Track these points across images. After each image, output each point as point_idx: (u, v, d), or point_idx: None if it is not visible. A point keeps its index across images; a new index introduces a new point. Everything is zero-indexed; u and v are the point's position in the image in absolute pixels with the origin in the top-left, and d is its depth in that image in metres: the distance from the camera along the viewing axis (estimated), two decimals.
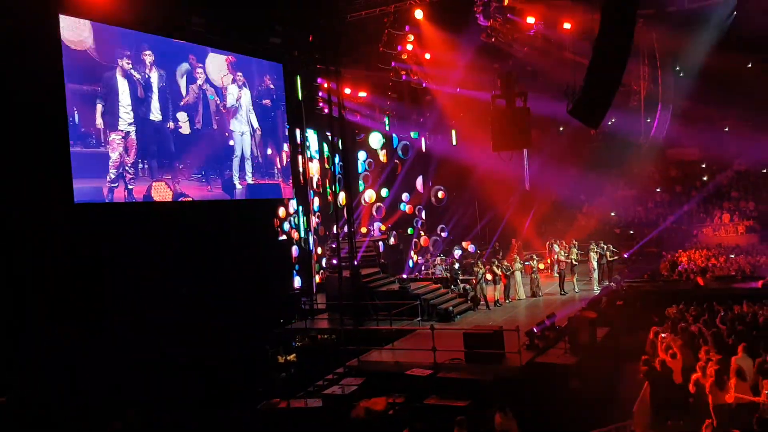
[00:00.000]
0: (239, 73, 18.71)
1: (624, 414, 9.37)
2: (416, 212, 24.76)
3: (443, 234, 25.05)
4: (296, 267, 20.14)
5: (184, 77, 17.03)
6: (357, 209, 22.31)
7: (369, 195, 23.21)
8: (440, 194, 25.07)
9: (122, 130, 15.09)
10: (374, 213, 23.09)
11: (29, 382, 11.73)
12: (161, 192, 16.13)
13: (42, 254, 12.66)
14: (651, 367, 10.64)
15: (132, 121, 15.31)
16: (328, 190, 22.05)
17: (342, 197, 19.30)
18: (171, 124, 16.61)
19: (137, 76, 15.49)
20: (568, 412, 10.00)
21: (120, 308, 13.63)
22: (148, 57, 16.12)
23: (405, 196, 24.61)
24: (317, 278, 20.90)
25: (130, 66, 15.34)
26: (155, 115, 16.17)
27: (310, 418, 11.52)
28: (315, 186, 21.67)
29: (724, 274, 19.39)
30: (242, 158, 18.59)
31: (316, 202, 21.95)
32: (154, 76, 16.13)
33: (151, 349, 13.48)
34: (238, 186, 18.49)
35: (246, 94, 18.95)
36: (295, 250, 20.22)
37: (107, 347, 12.98)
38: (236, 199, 18.31)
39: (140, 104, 15.60)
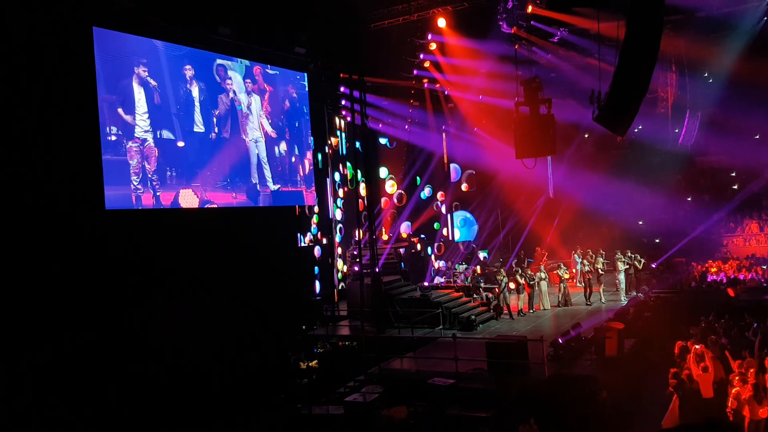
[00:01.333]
0: (264, 83, 18.95)
1: (652, 427, 9.14)
2: (437, 206, 24.57)
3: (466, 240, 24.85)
4: (317, 271, 20.19)
5: (213, 87, 17.30)
6: (379, 213, 22.25)
7: (390, 184, 23.14)
8: (464, 187, 24.85)
9: (139, 138, 15.30)
10: (395, 200, 22.89)
11: (51, 384, 11.92)
12: (188, 199, 16.36)
13: (73, 258, 12.91)
14: (680, 380, 10.39)
15: (149, 128, 15.49)
16: (350, 170, 21.92)
17: (363, 188, 19.20)
18: (200, 133, 16.85)
19: (153, 83, 15.69)
20: (594, 425, 9.79)
21: (144, 312, 13.81)
22: (189, 71, 16.44)
23: (428, 189, 24.44)
24: (340, 272, 20.87)
25: (146, 73, 15.53)
26: (186, 124, 16.44)
27: (331, 425, 11.49)
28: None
29: (755, 285, 18.87)
30: (260, 166, 18.74)
31: (340, 193, 21.93)
32: (188, 87, 16.43)
33: (173, 353, 13.61)
34: (262, 193, 18.65)
35: (271, 103, 19.15)
36: (317, 250, 20.26)
37: (130, 350, 13.16)
38: (260, 206, 18.48)
39: (157, 111, 15.74)
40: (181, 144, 16.35)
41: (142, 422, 12.20)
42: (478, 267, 22.08)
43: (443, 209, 24.80)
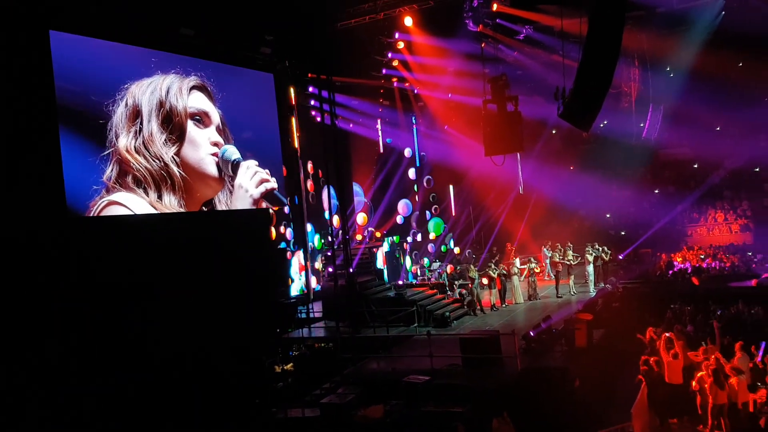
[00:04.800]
0: (230, 84, 18.64)
1: (623, 415, 9.34)
2: (412, 236, 24.78)
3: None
4: (291, 275, 20.09)
5: (176, 90, 16.89)
6: (351, 217, 22.28)
7: (361, 218, 23.22)
8: (435, 207, 25.18)
9: (109, 144, 14.96)
10: (365, 234, 23.01)
11: (20, 395, 11.62)
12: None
13: (35, 267, 12.57)
14: (650, 367, 10.64)
15: (119, 135, 15.18)
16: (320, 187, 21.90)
17: (336, 220, 19.36)
18: (164, 138, 16.44)
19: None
20: (566, 416, 9.96)
21: (112, 320, 13.54)
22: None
23: (399, 218, 24.62)
24: (313, 281, 20.83)
25: (108, 77, 15.11)
26: (149, 129, 16.00)
27: (308, 428, 11.45)
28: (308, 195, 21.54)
29: (718, 273, 19.42)
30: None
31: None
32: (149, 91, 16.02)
33: (145, 361, 13.38)
34: None
35: (237, 105, 18.88)
36: (290, 251, 20.20)
37: (100, 359, 12.90)
38: (230, 209, 18.23)
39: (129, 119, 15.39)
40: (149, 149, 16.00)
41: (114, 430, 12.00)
42: (450, 266, 22.26)
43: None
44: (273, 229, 19.86)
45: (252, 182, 18.33)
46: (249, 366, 15.19)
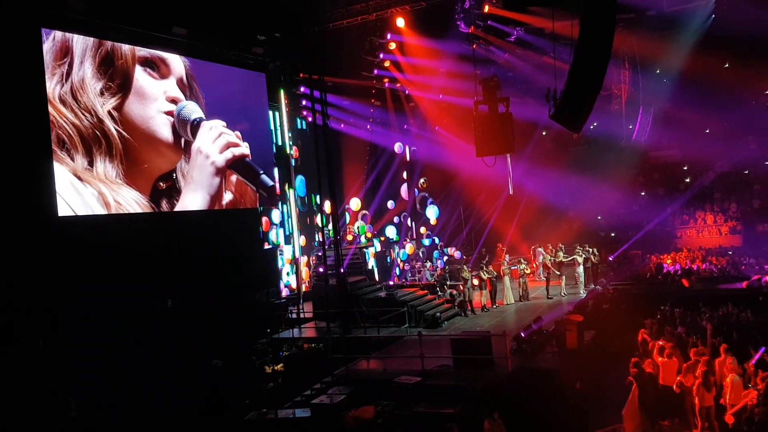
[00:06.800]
0: (221, 83, 18.54)
1: (613, 417, 9.36)
2: (402, 219, 24.77)
3: (431, 240, 25.06)
4: (281, 274, 20.03)
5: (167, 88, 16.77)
6: (342, 217, 22.22)
7: (355, 203, 23.13)
8: (422, 182, 25.32)
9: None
10: (360, 219, 22.95)
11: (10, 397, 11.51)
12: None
13: (25, 267, 12.46)
14: (640, 369, 10.67)
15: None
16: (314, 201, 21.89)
17: (327, 205, 19.20)
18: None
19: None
20: (557, 416, 9.97)
21: (102, 320, 13.43)
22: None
23: (390, 203, 24.64)
24: (304, 286, 20.75)
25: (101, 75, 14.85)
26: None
27: (298, 429, 11.40)
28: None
29: (708, 275, 19.54)
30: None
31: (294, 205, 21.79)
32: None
33: (135, 362, 13.29)
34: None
35: (229, 105, 18.78)
36: (281, 252, 20.12)
37: (90, 361, 12.80)
38: (219, 209, 18.11)
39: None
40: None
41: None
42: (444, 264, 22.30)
43: (410, 221, 25.03)
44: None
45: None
46: (239, 366, 15.11)
